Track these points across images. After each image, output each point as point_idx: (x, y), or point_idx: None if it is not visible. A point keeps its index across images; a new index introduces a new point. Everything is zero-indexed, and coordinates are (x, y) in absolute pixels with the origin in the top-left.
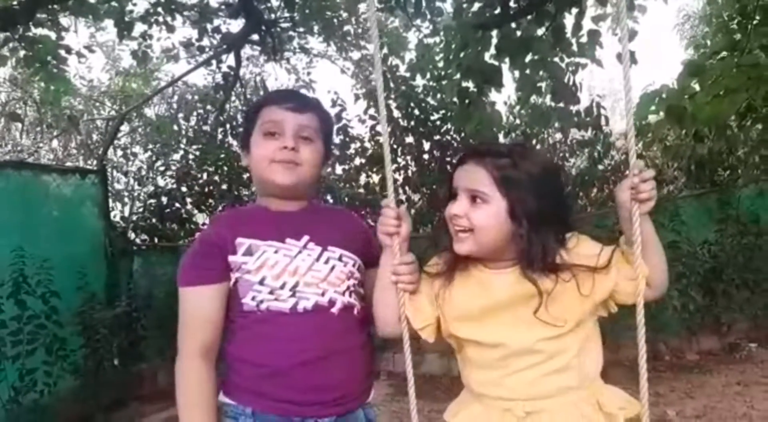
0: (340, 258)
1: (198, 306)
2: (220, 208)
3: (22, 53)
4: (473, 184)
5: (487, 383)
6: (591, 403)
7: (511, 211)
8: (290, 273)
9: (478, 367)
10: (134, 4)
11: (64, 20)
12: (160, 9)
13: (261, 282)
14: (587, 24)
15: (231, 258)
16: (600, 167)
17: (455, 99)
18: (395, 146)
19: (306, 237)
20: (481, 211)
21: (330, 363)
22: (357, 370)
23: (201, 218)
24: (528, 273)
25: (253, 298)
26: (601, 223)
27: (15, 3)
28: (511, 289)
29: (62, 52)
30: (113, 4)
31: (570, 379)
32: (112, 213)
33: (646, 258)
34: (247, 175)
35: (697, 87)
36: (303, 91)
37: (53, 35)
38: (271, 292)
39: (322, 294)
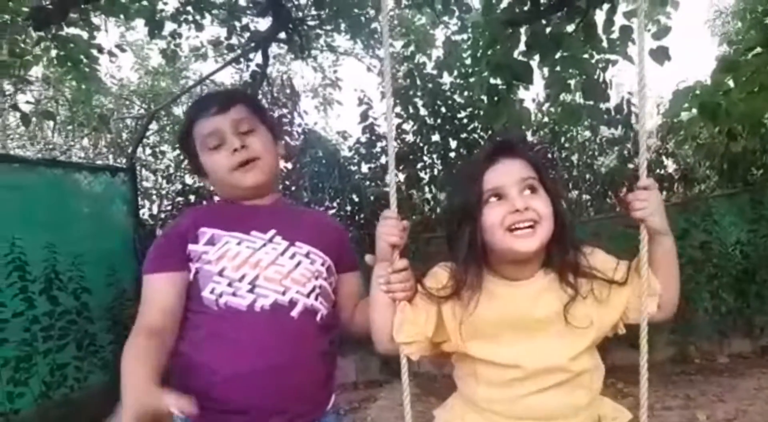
0: (307, 255)
1: (154, 293)
2: None
3: (54, 52)
4: (524, 173)
5: (498, 401)
6: (594, 419)
7: (553, 201)
8: (251, 266)
9: (489, 385)
10: (165, 3)
11: (95, 20)
12: (189, 8)
13: (220, 273)
14: (619, 20)
15: (191, 246)
16: (630, 166)
17: (483, 96)
18: (421, 144)
19: (273, 231)
20: (539, 199)
21: (286, 372)
22: (313, 382)
23: None
24: (563, 274)
25: (212, 291)
26: (630, 222)
27: (48, 3)
28: (536, 302)
29: (94, 52)
30: (144, 3)
31: (582, 398)
32: (141, 211)
33: (661, 276)
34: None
35: (731, 83)
36: (329, 89)
37: (85, 35)
38: (229, 284)
39: (283, 293)
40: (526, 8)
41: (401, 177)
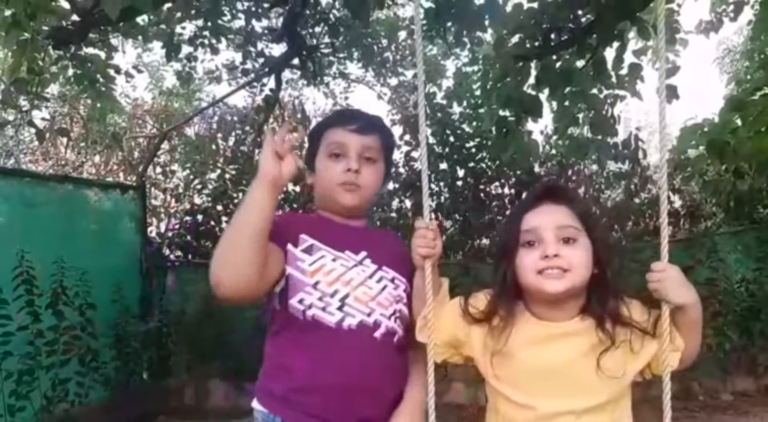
0: (392, 280)
1: None
2: None
3: (71, 71)
4: (562, 221)
5: None
6: None
7: (594, 252)
8: (343, 283)
9: (507, 421)
10: (183, 27)
11: (113, 41)
12: (206, 32)
13: (314, 286)
14: (628, 57)
15: (290, 247)
16: (636, 200)
17: (492, 127)
18: (429, 172)
19: (364, 253)
20: (575, 249)
21: (366, 389)
22: (387, 404)
23: None
24: (601, 322)
25: (301, 301)
26: (635, 257)
27: (69, 24)
28: (562, 345)
29: (111, 72)
30: (162, 26)
31: None
32: (149, 229)
33: (684, 335)
34: (281, 196)
35: (738, 122)
36: None
37: (103, 55)
38: (320, 298)
39: (369, 315)
40: (537, 43)
41: (408, 204)
